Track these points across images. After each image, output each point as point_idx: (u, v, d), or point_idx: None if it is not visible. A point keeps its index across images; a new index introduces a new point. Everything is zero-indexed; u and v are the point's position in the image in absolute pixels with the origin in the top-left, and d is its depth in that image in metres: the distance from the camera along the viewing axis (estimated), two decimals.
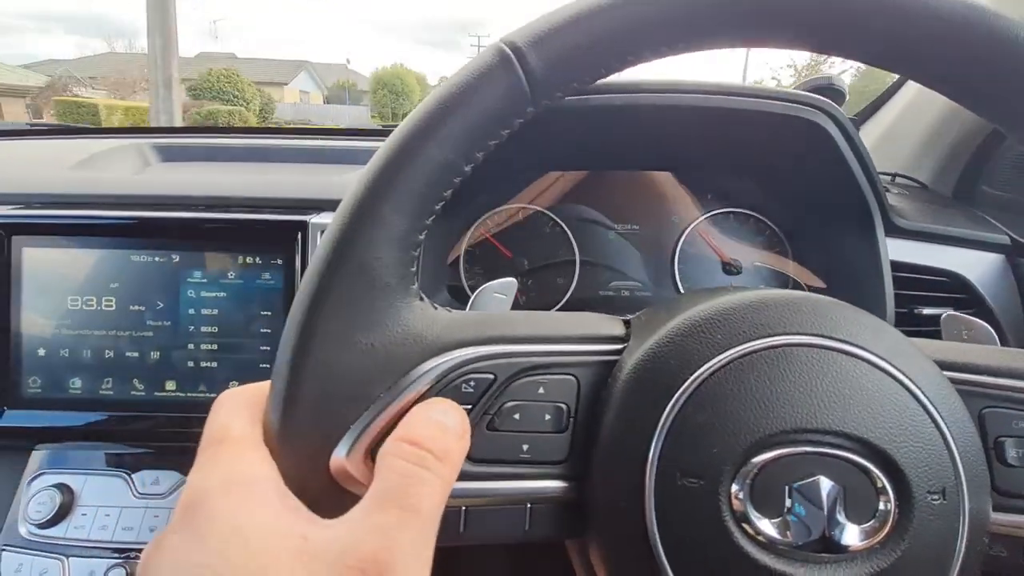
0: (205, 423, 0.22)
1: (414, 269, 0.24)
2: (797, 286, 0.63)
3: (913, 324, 0.53)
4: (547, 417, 0.25)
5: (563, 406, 0.25)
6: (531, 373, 0.25)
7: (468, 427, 0.23)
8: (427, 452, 0.21)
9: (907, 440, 0.22)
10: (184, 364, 0.49)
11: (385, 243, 0.23)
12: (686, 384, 0.23)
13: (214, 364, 0.49)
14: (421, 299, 0.25)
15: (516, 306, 0.61)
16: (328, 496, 0.21)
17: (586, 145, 0.59)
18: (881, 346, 0.23)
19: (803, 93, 0.50)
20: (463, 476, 0.24)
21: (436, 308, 0.26)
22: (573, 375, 0.25)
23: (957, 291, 0.55)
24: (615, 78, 0.25)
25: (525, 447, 0.24)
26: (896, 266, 0.53)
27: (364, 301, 0.23)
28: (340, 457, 0.22)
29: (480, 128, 0.23)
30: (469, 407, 0.24)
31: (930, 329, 0.54)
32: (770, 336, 0.23)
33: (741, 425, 0.22)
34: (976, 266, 0.55)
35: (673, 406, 0.23)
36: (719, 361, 0.23)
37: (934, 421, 0.22)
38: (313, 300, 0.22)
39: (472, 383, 0.24)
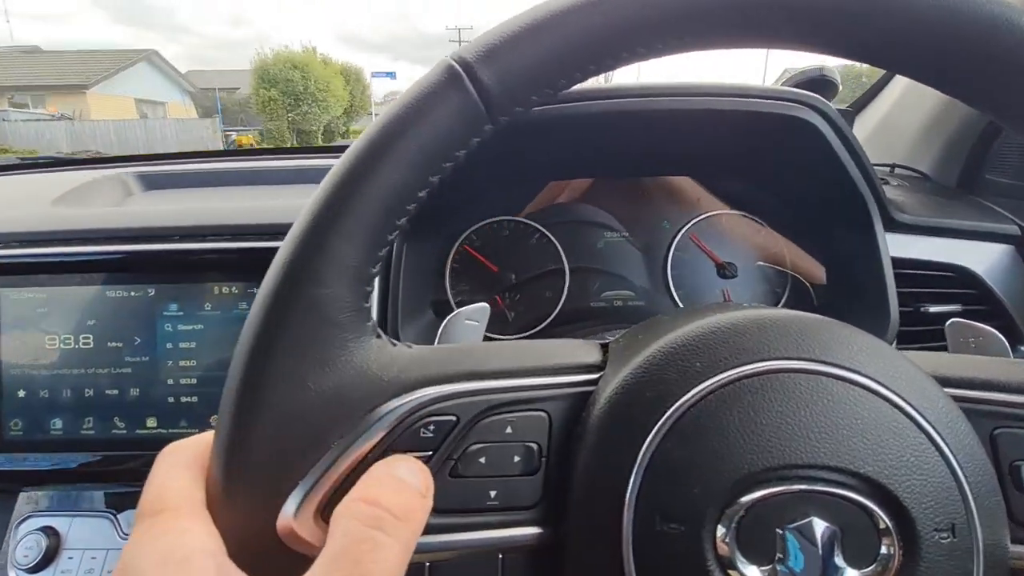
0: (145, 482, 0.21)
1: (368, 304, 0.23)
2: (797, 284, 0.61)
3: (920, 323, 0.51)
4: (516, 459, 0.23)
5: (534, 446, 0.23)
6: (497, 411, 0.23)
7: (431, 485, 0.22)
8: (385, 512, 0.19)
9: (909, 473, 0.20)
10: (164, 400, 0.48)
11: (335, 277, 0.21)
12: (664, 418, 0.21)
13: (194, 399, 0.48)
14: (378, 336, 0.23)
15: (504, 322, 0.59)
16: (276, 563, 0.20)
17: (574, 154, 0.58)
18: (876, 368, 0.21)
19: (789, 89, 0.48)
20: (426, 529, 0.22)
21: (395, 344, 0.24)
22: (544, 411, 0.24)
23: (965, 286, 0.52)
24: (594, 85, 0.23)
25: (493, 493, 0.23)
26: (899, 263, 0.51)
27: (314, 340, 0.21)
28: (288, 516, 0.20)
29: (433, 151, 0.22)
30: (430, 453, 0.22)
31: (938, 328, 0.51)
32: (753, 362, 0.21)
33: (724, 462, 0.20)
34: (984, 259, 0.52)
35: (650, 443, 0.21)
36: (699, 392, 0.21)
37: (939, 449, 0.20)
38: (258, 340, 0.21)
39: (432, 427, 0.22)
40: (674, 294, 0.60)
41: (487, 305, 0.32)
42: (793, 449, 0.20)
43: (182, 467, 0.21)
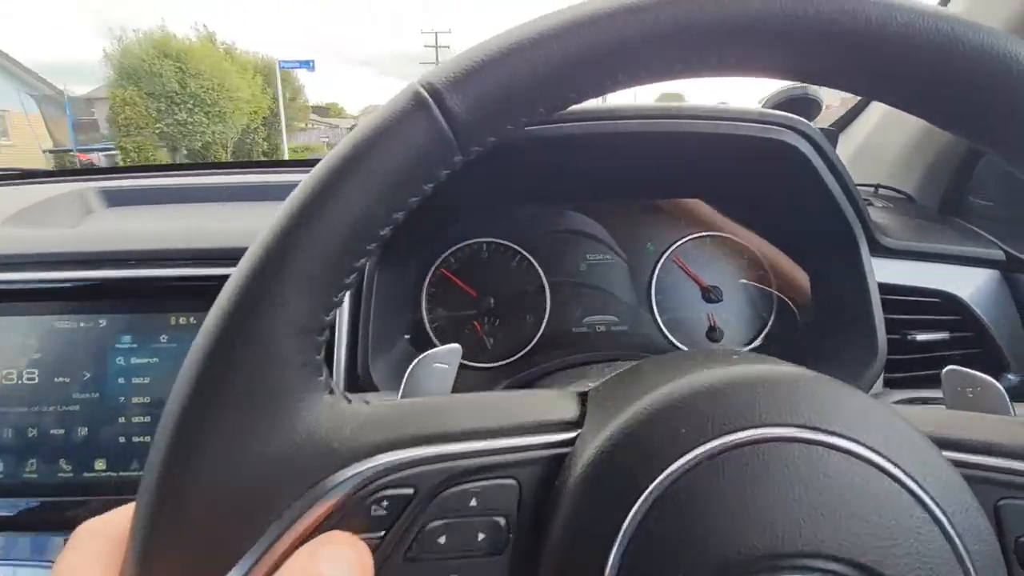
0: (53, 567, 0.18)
1: (319, 357, 0.20)
2: (783, 307, 0.60)
3: (906, 351, 0.50)
4: (480, 536, 0.21)
5: (500, 520, 0.21)
6: (462, 481, 0.21)
7: (370, 568, 0.19)
8: None
9: (914, 561, 0.18)
10: (115, 440, 0.45)
11: (280, 328, 0.19)
12: (645, 494, 0.19)
13: (147, 439, 0.45)
14: (331, 392, 0.21)
15: (482, 349, 0.57)
16: None
17: (555, 178, 0.56)
18: (876, 437, 0.19)
19: (772, 112, 0.47)
20: None
21: (349, 401, 0.22)
22: (513, 478, 0.21)
23: (951, 312, 0.51)
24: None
25: None
26: (885, 288, 0.50)
27: (254, 400, 0.19)
28: None
29: (396, 184, 0.19)
30: (381, 534, 0.20)
31: (924, 356, 0.51)
32: (744, 429, 0.19)
33: (710, 547, 0.18)
34: (969, 284, 0.52)
35: (632, 519, 0.19)
36: (685, 463, 0.19)
37: (944, 531, 0.18)
38: (189, 400, 0.18)
39: (385, 503, 0.20)
40: (658, 319, 0.58)
41: (458, 346, 0.29)
42: (786, 534, 0.18)
43: (93, 558, 0.18)
